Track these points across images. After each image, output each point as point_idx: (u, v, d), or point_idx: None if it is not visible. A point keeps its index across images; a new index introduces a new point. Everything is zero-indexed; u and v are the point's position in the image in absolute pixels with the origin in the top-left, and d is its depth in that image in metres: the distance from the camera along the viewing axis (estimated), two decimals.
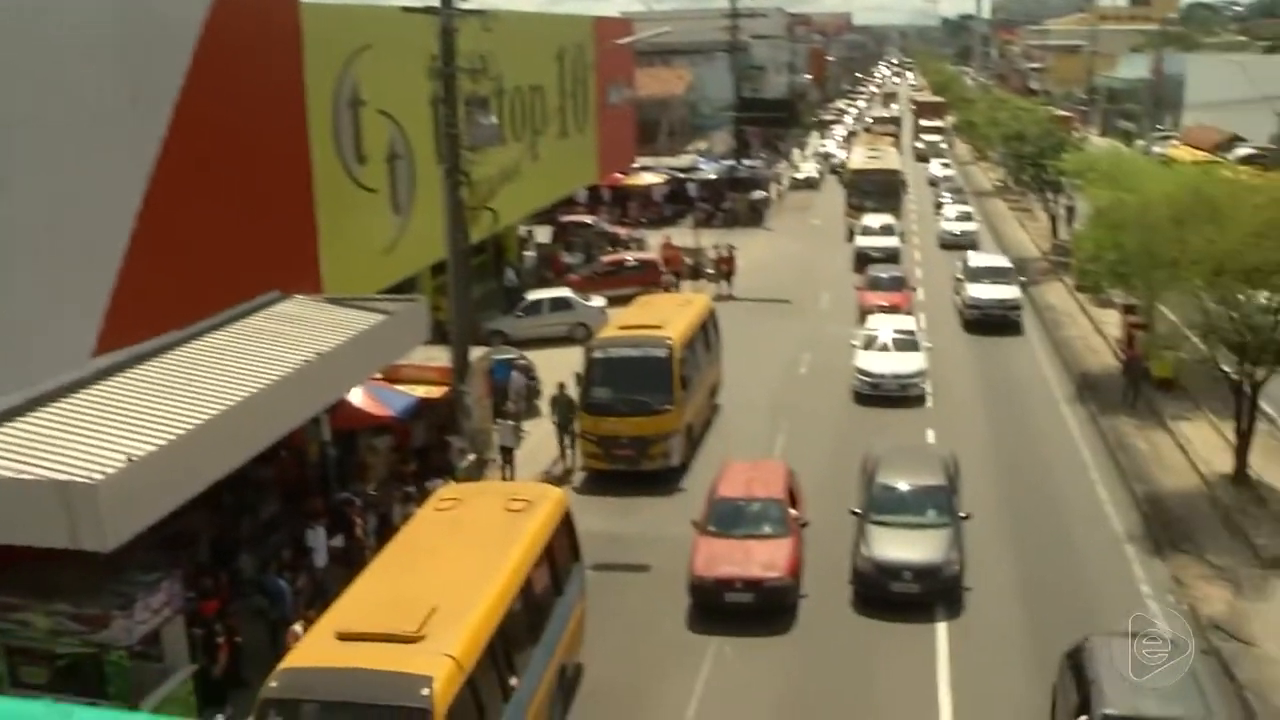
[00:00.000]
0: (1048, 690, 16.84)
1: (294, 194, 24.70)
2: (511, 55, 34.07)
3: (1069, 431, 29.36)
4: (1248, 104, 61.99)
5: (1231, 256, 22.60)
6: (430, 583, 14.97)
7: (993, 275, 40.69)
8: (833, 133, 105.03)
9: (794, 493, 22.21)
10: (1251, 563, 21.29)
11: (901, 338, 33.44)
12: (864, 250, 49.40)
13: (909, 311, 38.41)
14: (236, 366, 18.58)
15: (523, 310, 38.72)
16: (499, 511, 17.35)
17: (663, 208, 63.90)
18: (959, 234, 55.29)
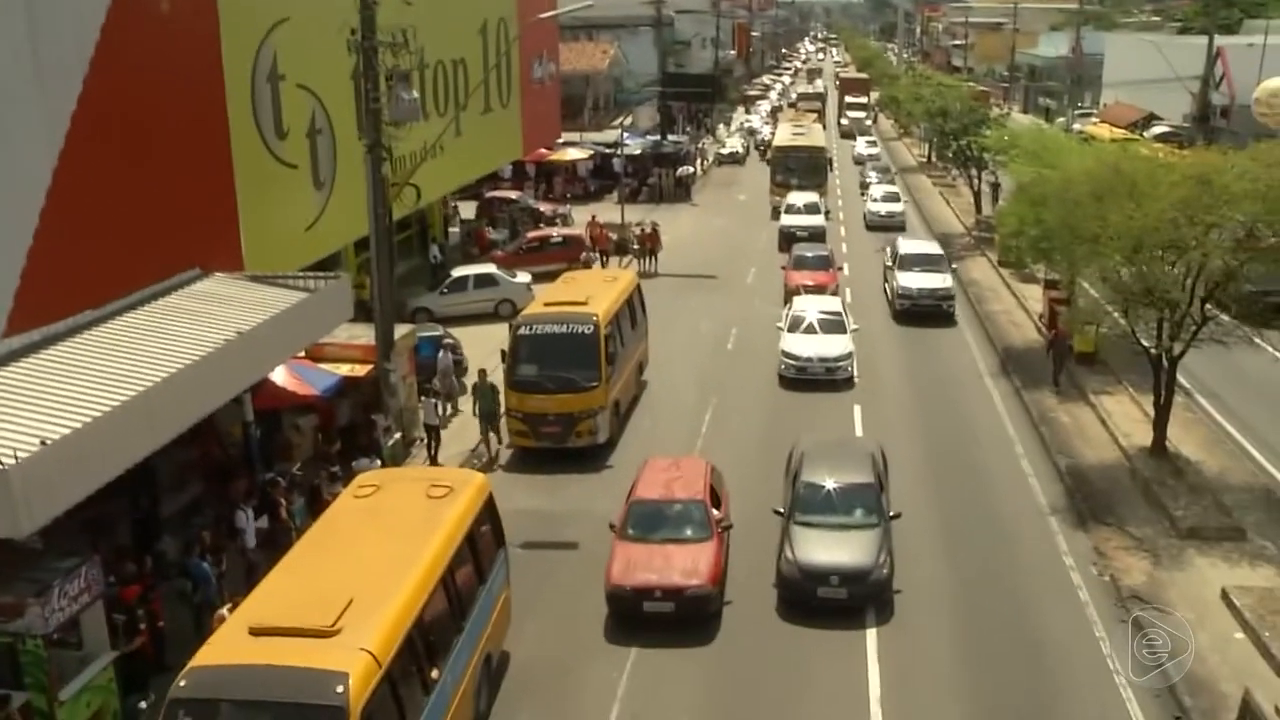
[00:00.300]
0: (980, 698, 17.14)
1: (213, 169, 24.20)
2: (433, 29, 33.59)
3: (994, 406, 29.80)
4: (1163, 83, 63.18)
5: (1149, 233, 23.02)
6: (347, 574, 14.53)
7: (924, 263, 38.95)
8: (758, 108, 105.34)
9: (717, 491, 21.27)
10: (1169, 533, 21.80)
11: (828, 318, 32.80)
12: (789, 229, 48.50)
13: (835, 291, 38.24)
14: (155, 346, 18.19)
15: (447, 287, 38.43)
16: (419, 498, 16.93)
17: (588, 183, 63.70)
18: (886, 215, 54.37)
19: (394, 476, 19.26)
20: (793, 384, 31.28)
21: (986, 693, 17.20)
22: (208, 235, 23.59)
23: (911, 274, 38.28)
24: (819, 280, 38.65)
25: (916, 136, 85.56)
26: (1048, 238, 29.89)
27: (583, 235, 45.66)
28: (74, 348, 17.79)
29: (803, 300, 34.45)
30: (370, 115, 24.17)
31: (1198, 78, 58.98)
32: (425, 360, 29.07)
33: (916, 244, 41.69)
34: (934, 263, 39.21)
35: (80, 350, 17.72)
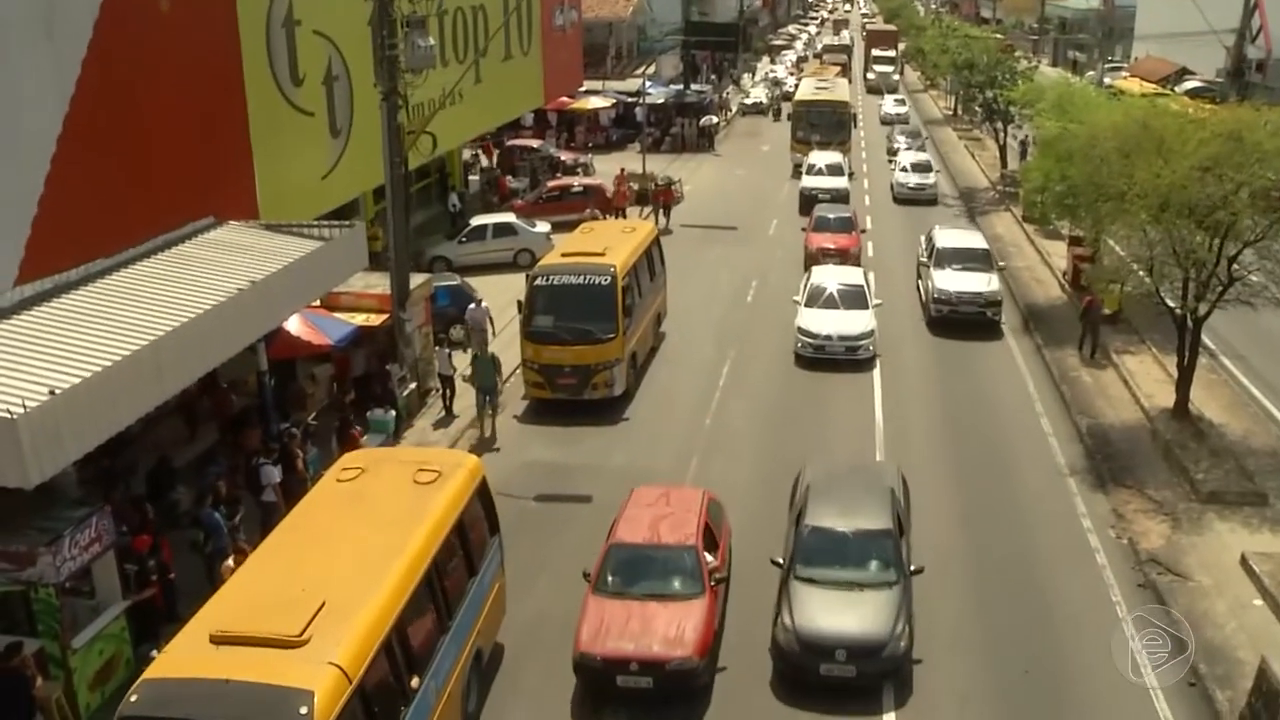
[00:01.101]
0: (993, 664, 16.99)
1: (227, 117, 24.00)
2: None
3: (1015, 363, 29.51)
4: (1197, 36, 62.01)
5: (1177, 190, 22.61)
6: (322, 572, 13.44)
7: (966, 260, 32.92)
8: (783, 58, 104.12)
9: (714, 530, 17.95)
10: (1189, 497, 21.57)
11: (849, 290, 30.34)
12: (810, 191, 46.11)
13: (858, 256, 36.76)
14: (167, 295, 18.07)
15: (466, 236, 38.22)
16: (406, 484, 15.79)
17: (610, 132, 63.28)
18: (915, 187, 49.59)
19: (380, 458, 17.74)
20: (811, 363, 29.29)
21: (1001, 656, 17.08)
22: (222, 183, 23.44)
23: (950, 273, 32.36)
24: (841, 244, 36.79)
25: (942, 89, 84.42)
26: (1073, 194, 29.48)
27: (604, 186, 45.24)
28: (86, 296, 17.70)
29: (822, 271, 32.14)
30: (386, 62, 23.93)
31: (1233, 30, 57.87)
32: (441, 310, 28.96)
33: (957, 235, 35.53)
34: (979, 260, 33.17)
35: (92, 299, 17.63)
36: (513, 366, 27.64)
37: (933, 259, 33.22)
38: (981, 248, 34.10)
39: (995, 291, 31.77)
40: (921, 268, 34.85)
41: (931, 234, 35.23)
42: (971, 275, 32.14)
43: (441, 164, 43.52)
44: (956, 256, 32.98)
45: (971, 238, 35.53)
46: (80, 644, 15.18)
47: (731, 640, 17.24)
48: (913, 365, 29.37)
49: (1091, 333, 29.16)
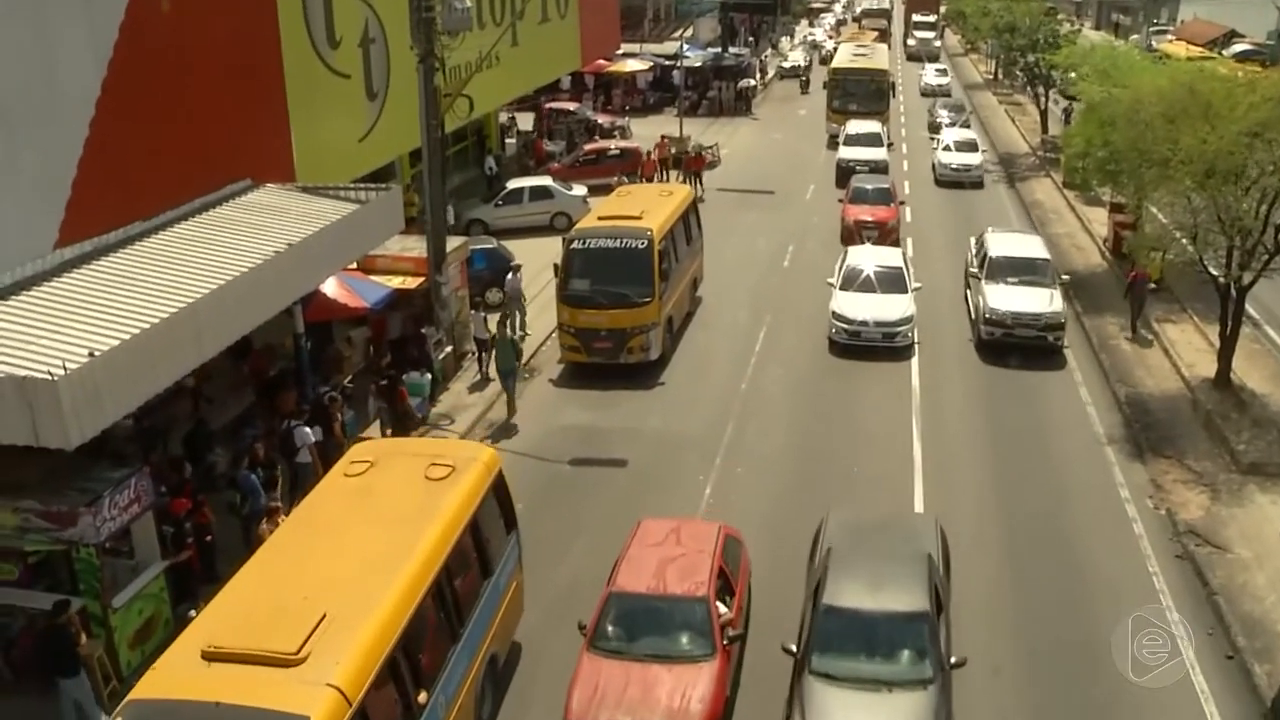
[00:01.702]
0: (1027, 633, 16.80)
1: (264, 79, 23.98)
2: None
3: None
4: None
5: (1223, 156, 22.24)
6: (325, 577, 12.62)
7: (1024, 272, 28.21)
8: (822, 21, 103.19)
9: (729, 575, 15.70)
10: (1229, 468, 21.31)
11: (887, 273, 28.58)
12: (847, 163, 44.26)
13: (896, 230, 35.89)
14: (205, 258, 18.13)
15: (502, 199, 38.14)
16: (417, 480, 14.88)
17: (647, 95, 62.97)
18: (960, 168, 45.70)
19: (392, 450, 16.96)
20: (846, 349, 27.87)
21: (1034, 627, 16.96)
22: (259, 146, 23.45)
23: (1004, 289, 27.61)
24: (879, 216, 35.74)
25: (983, 53, 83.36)
26: (1115, 160, 29.02)
27: (640, 150, 44.98)
28: (124, 259, 17.78)
29: (858, 251, 30.23)
30: (423, 25, 23.82)
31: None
32: (478, 273, 28.95)
33: (1014, 242, 30.45)
34: (1038, 272, 28.38)
35: (130, 261, 17.70)
36: (548, 330, 27.70)
37: (984, 270, 28.56)
38: (1042, 257, 29.23)
39: (1058, 313, 27.08)
40: (970, 279, 29.97)
41: (983, 239, 30.49)
42: (1030, 292, 27.42)
43: (479, 127, 43.41)
44: (1012, 268, 28.27)
45: (1030, 244, 30.50)
46: (120, 603, 15.34)
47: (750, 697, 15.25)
48: (948, 318, 29.13)
49: (1136, 306, 28.22)
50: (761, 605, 16.90)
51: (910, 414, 24.04)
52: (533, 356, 27.17)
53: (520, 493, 20.82)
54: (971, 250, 31.09)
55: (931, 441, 22.71)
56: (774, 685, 14.92)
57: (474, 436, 23.46)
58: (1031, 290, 27.52)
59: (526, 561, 17.79)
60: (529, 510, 20.28)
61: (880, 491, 20.84)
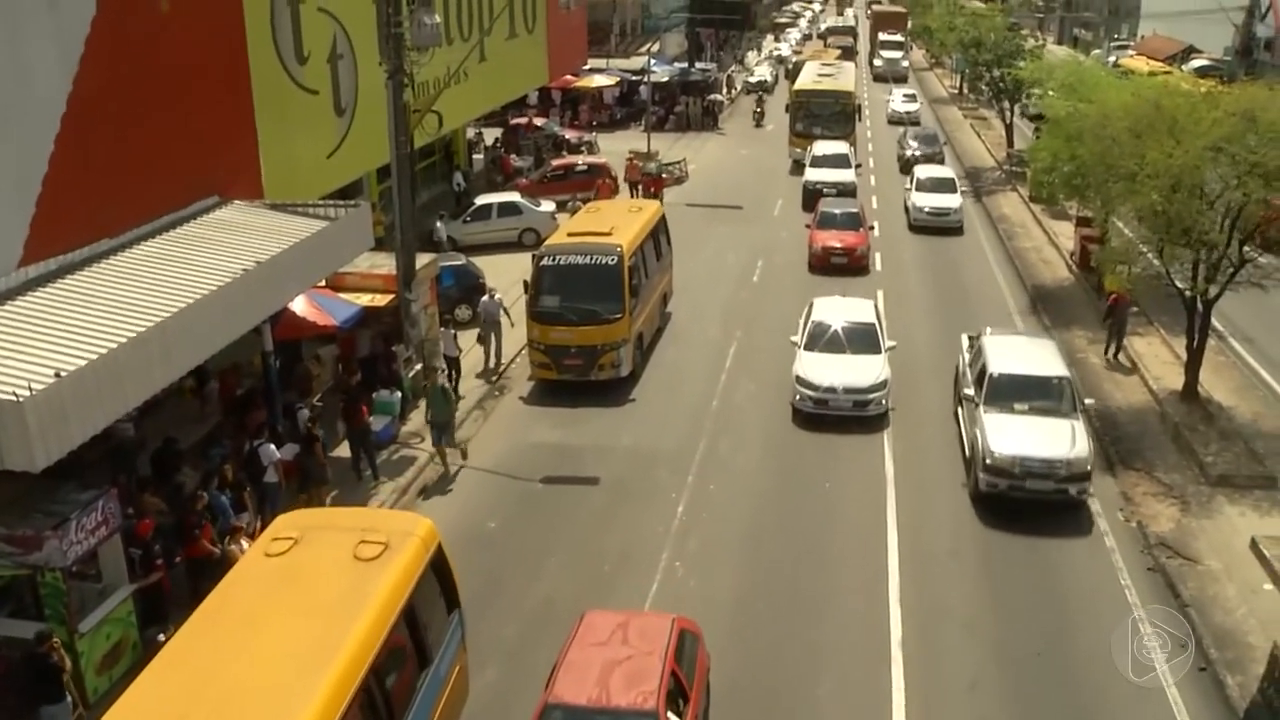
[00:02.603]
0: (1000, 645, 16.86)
1: (232, 95, 23.75)
2: None
3: None
4: (1205, 14, 61.81)
5: (1189, 171, 22.47)
6: (238, 679, 11.24)
7: (1036, 395, 21.58)
8: (788, 36, 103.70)
9: (683, 678, 13.90)
10: (1199, 480, 21.48)
11: (858, 329, 25.60)
12: (815, 185, 42.90)
13: (867, 258, 35.25)
14: (173, 275, 17.89)
15: (471, 215, 38.03)
16: (346, 560, 13.23)
17: (614, 111, 63.06)
18: (936, 212, 40.52)
19: (319, 523, 14.83)
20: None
21: (1010, 640, 16.98)
22: (227, 162, 23.22)
23: (1010, 423, 20.89)
24: (848, 242, 34.96)
25: (948, 67, 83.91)
26: (1082, 174, 29.30)
27: (608, 165, 44.99)
28: (91, 277, 17.53)
29: (825, 305, 26.87)
30: (392, 40, 23.71)
31: (1242, 8, 57.60)
32: (447, 290, 28.82)
33: (1021, 352, 23.02)
34: (1056, 397, 21.52)
35: (97, 280, 17.46)
36: (518, 347, 27.60)
37: (982, 392, 21.71)
38: (1059, 375, 21.94)
39: (1083, 457, 20.17)
40: (963, 400, 23.19)
41: (979, 346, 23.44)
42: (1045, 426, 20.81)
43: (446, 142, 43.29)
44: (1020, 390, 21.58)
45: (1042, 356, 22.88)
46: (87, 628, 15.11)
47: None
48: (921, 344, 29.22)
49: (1117, 333, 27.52)
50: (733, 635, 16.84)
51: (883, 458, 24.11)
52: (498, 377, 27.04)
53: (493, 511, 20.88)
54: (964, 357, 24.58)
55: (901, 459, 22.78)
56: None
57: None
58: (1048, 424, 20.87)
59: (500, 579, 17.74)
60: (502, 528, 20.29)
61: (854, 507, 20.86)
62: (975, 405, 21.70)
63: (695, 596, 18.01)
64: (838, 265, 34.73)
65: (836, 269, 34.63)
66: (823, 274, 34.46)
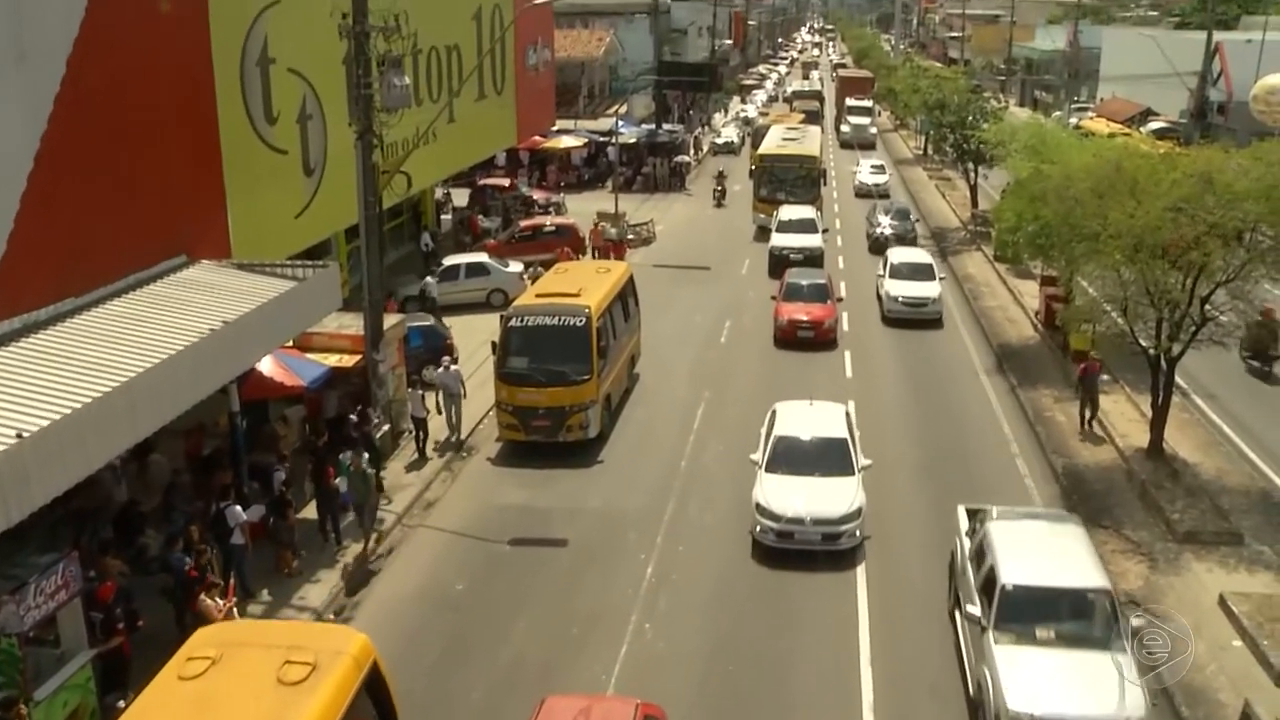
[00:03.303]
0: None
1: (200, 155, 23.82)
2: (427, 14, 33.20)
3: (989, 403, 29.52)
4: (1161, 78, 63.17)
5: (1150, 231, 22.74)
6: None
7: (1066, 614, 16.18)
8: (754, 98, 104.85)
9: None
10: (1166, 537, 21.55)
11: (827, 445, 22.29)
12: (781, 251, 42.32)
13: (835, 331, 33.86)
14: (139, 335, 17.81)
15: (439, 275, 38.05)
16: (268, 684, 11.93)
17: (582, 172, 63.45)
18: (913, 302, 36.61)
19: (241, 639, 13.59)
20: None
21: None
22: (195, 221, 23.22)
23: (1032, 660, 15.41)
24: (815, 315, 33.67)
25: (912, 129, 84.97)
26: (1046, 234, 29.61)
27: (576, 226, 45.23)
28: (56, 336, 17.41)
29: (790, 413, 23.55)
30: (361, 101, 23.85)
31: (1195, 73, 58.77)
32: (414, 351, 28.76)
33: (1039, 543, 17.69)
34: (1091, 616, 16.21)
35: (62, 339, 17.34)
36: (486, 408, 27.52)
37: (993, 611, 16.06)
38: (1096, 587, 16.38)
39: None
40: (964, 618, 17.34)
41: (985, 535, 17.69)
42: (1084, 667, 15.34)
43: (415, 202, 43.41)
44: (1044, 609, 16.09)
45: (1071, 552, 17.28)
46: (43, 695, 14.76)
47: None
48: (887, 394, 29.33)
49: (1090, 401, 26.95)
50: None
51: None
52: (470, 434, 26.94)
53: (460, 573, 20.73)
54: (961, 545, 18.80)
55: None
56: None
57: (412, 517, 23.21)
58: (1084, 664, 15.39)
59: (469, 643, 17.52)
60: (469, 590, 20.14)
61: (822, 565, 20.80)
62: (982, 629, 16.08)
63: (664, 658, 17.93)
64: (804, 340, 33.58)
65: (803, 344, 33.51)
66: (788, 349, 33.47)
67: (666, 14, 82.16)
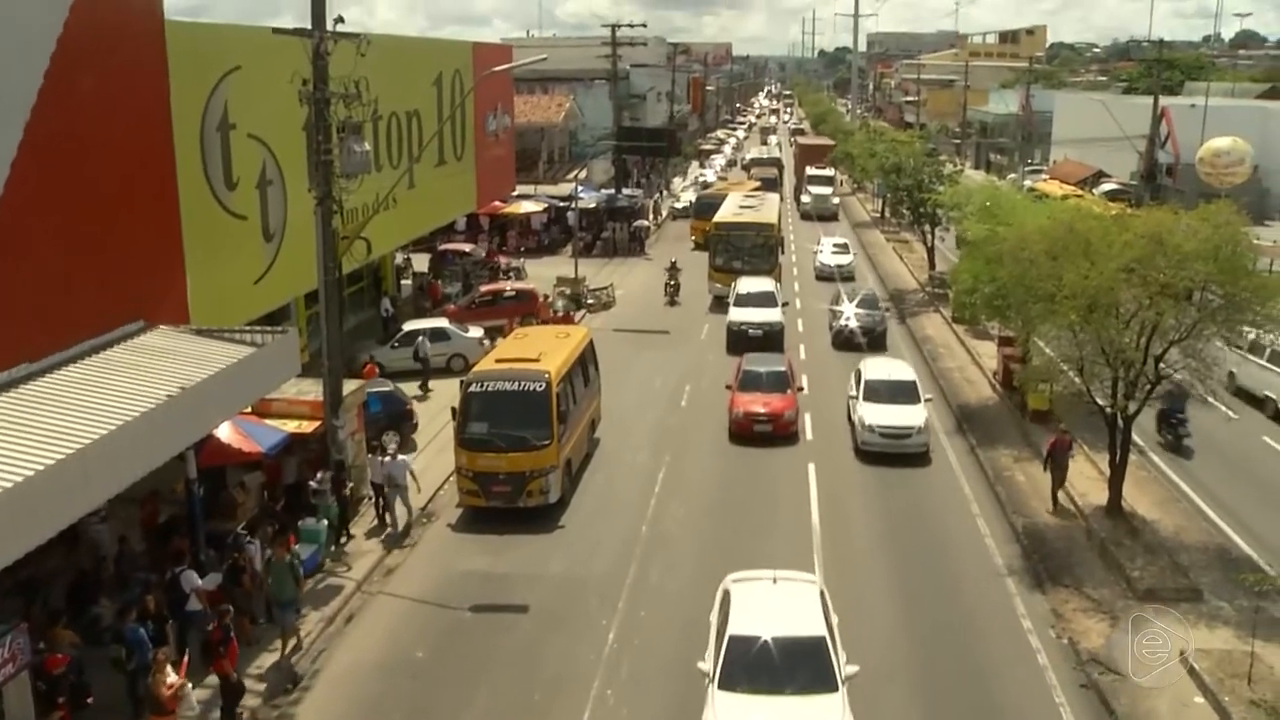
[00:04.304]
0: None
1: (159, 219, 23.80)
2: (388, 80, 33.47)
3: (949, 464, 29.74)
4: (1111, 141, 64.62)
5: (1104, 291, 23.16)
6: None
7: None
8: (712, 162, 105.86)
9: None
10: (1126, 595, 21.71)
11: (798, 646, 16.96)
12: (740, 327, 40.60)
13: (796, 424, 31.26)
14: (95, 401, 17.70)
15: (398, 341, 38.05)
16: None
17: (542, 236, 63.75)
18: (894, 430, 29.48)
19: None
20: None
21: None
22: (153, 287, 23.16)
23: None
24: (774, 407, 30.94)
25: (870, 192, 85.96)
26: (1002, 295, 30.04)
27: (536, 291, 45.44)
28: (9, 402, 17.28)
29: (747, 599, 18.06)
30: (321, 167, 23.98)
31: (1144, 136, 60.22)
32: (374, 416, 28.69)
33: None
34: None
35: (16, 405, 17.21)
36: (447, 474, 27.44)
37: None
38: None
39: None
40: None
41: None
42: None
43: (374, 268, 43.46)
44: None
45: None
46: None
47: None
48: (844, 449, 29.46)
49: (1058, 477, 26.15)
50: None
51: (811, 549, 24.14)
52: (426, 505, 26.80)
53: (420, 640, 20.58)
54: None
55: None
56: None
57: (371, 584, 23.05)
58: None
59: (430, 713, 17.32)
60: (430, 658, 19.98)
61: None
62: None
63: None
64: (762, 434, 30.85)
65: (761, 439, 30.83)
66: (745, 444, 30.89)
67: (626, 80, 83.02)
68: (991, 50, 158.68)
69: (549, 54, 42.43)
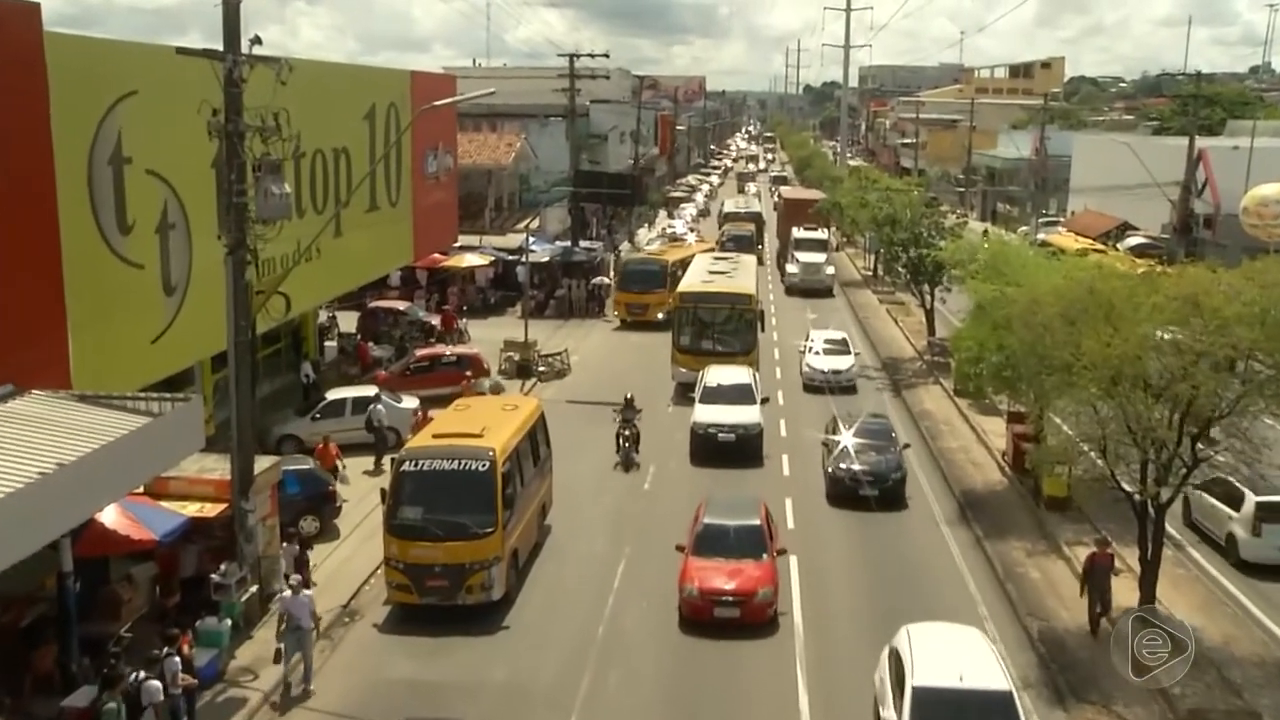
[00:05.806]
0: None
1: (36, 267, 23.42)
2: (312, 112, 33.39)
3: (952, 559, 29.54)
4: (1139, 189, 64.68)
5: (1129, 361, 23.04)
6: None
7: None
8: (682, 212, 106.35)
9: None
10: (1167, 715, 21.37)
11: None
12: (705, 429, 37.03)
13: (773, 606, 25.38)
14: None
15: (320, 411, 37.64)
16: None
17: (488, 294, 63.68)
18: None
19: None
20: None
21: None
22: (26, 345, 22.77)
23: None
24: (743, 584, 25.22)
25: (860, 246, 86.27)
26: (1011, 365, 30.05)
27: (480, 356, 45.24)
28: None
29: None
30: (234, 211, 23.75)
31: (1178, 183, 60.40)
32: (290, 498, 28.25)
33: None
34: None
35: None
36: (374, 566, 27.01)
37: None
38: None
39: None
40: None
41: None
42: None
43: (295, 327, 43.10)
44: None
45: None
46: None
47: None
48: (833, 549, 29.16)
49: (1100, 599, 24.92)
50: None
51: (795, 660, 23.77)
52: (349, 602, 26.31)
53: None
54: None
55: None
56: None
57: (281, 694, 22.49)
58: None
59: None
60: None
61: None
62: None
63: None
64: (725, 619, 25.11)
65: (723, 625, 25.15)
66: (700, 633, 25.17)
67: (585, 117, 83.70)
68: (1001, 86, 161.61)
69: (498, 86, 42.63)
